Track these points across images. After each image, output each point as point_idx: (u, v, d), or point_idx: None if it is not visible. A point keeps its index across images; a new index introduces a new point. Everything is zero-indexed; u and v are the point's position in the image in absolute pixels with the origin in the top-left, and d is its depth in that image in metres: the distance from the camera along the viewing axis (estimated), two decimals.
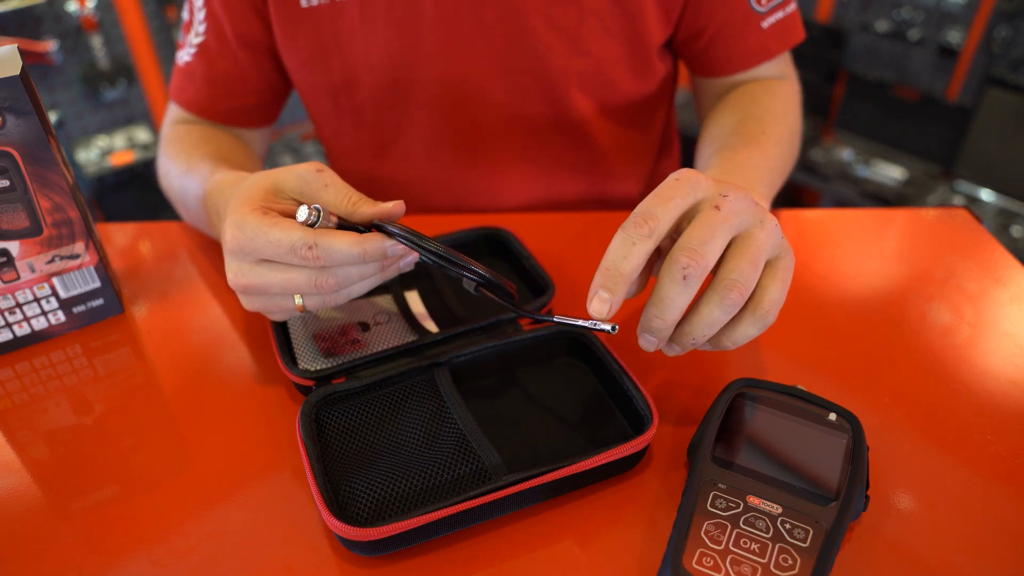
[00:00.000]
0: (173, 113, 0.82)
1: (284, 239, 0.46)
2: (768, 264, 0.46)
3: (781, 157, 0.69)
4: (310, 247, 0.46)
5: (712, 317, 0.44)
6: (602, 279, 0.43)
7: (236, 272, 0.50)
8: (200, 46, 0.78)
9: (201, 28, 0.77)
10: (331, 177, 0.50)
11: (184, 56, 0.80)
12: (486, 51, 0.73)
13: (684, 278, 0.42)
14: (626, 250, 0.43)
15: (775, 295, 0.45)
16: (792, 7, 0.77)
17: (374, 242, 0.47)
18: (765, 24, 0.75)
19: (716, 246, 0.43)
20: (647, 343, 0.46)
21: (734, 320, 0.45)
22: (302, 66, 0.77)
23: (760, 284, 0.45)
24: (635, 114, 0.82)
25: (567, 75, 0.75)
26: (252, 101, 0.81)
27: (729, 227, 0.44)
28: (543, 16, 0.71)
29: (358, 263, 0.48)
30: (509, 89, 0.75)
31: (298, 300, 0.50)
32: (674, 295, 0.43)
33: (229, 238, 0.48)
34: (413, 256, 0.51)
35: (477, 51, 0.73)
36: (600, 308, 0.43)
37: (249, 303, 0.52)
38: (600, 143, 0.82)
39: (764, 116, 0.71)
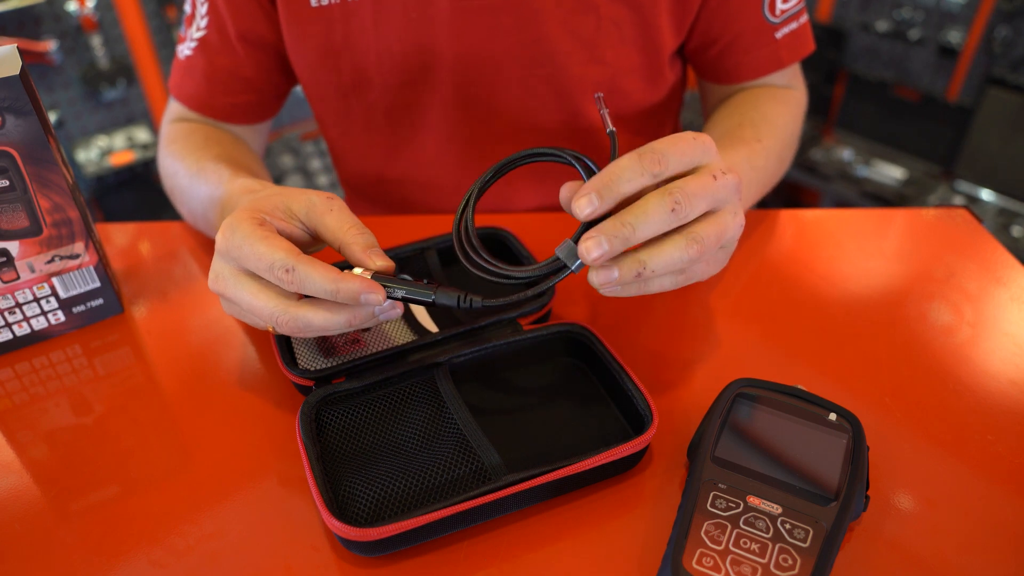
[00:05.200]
0: (173, 109, 0.82)
1: (266, 255, 0.46)
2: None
3: (767, 169, 0.69)
4: (287, 270, 0.45)
5: (672, 257, 0.44)
6: (599, 183, 0.43)
7: (216, 276, 0.49)
8: (201, 40, 0.77)
9: (203, 23, 0.77)
10: (338, 204, 0.50)
11: (185, 50, 0.79)
12: (501, 56, 0.72)
13: (672, 210, 0.43)
14: (633, 173, 0.43)
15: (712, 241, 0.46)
16: (804, 18, 0.76)
17: (349, 284, 0.45)
18: (779, 35, 0.75)
19: (701, 207, 0.45)
20: (598, 246, 0.43)
21: (663, 240, 0.45)
22: (311, 65, 0.76)
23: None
24: (645, 122, 0.82)
25: (582, 82, 0.74)
26: (252, 98, 0.80)
27: (714, 199, 0.45)
28: (561, 23, 0.71)
29: (330, 298, 0.46)
30: (523, 94, 0.75)
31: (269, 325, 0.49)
32: (657, 216, 0.43)
33: (219, 239, 0.48)
34: (395, 312, 0.49)
35: (492, 56, 0.72)
36: (584, 207, 0.43)
37: (226, 308, 0.52)
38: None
39: (762, 123, 0.71)
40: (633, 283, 0.46)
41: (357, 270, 0.49)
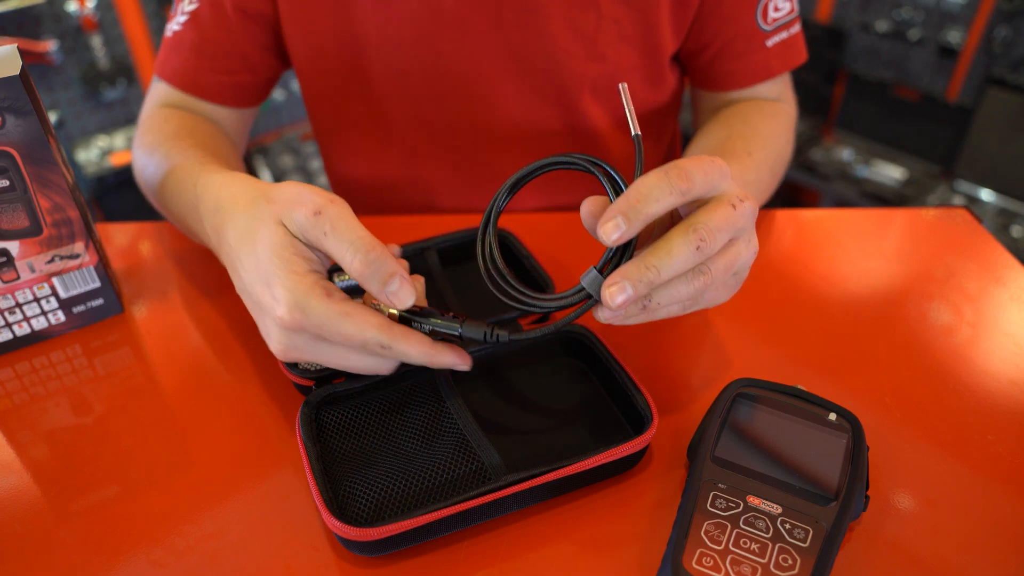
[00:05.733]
0: (155, 93, 0.78)
1: (357, 336, 0.44)
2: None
3: (759, 183, 0.68)
4: (383, 347, 0.45)
5: (679, 291, 0.43)
6: (625, 206, 0.41)
7: (288, 347, 0.46)
8: (193, 14, 0.74)
9: None
10: (328, 222, 0.45)
11: (173, 26, 0.76)
12: (502, 50, 0.72)
13: (698, 248, 0.42)
14: (661, 192, 0.41)
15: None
16: (796, 28, 0.76)
17: (443, 358, 0.47)
18: (770, 43, 0.75)
19: (724, 240, 0.43)
20: (622, 292, 0.41)
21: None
22: (308, 53, 0.75)
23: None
24: (646, 124, 0.81)
25: (581, 79, 0.74)
26: (244, 78, 0.77)
27: (735, 229, 0.44)
28: (562, 18, 0.70)
29: (423, 364, 0.48)
30: (522, 91, 0.75)
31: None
32: (683, 255, 0.42)
33: (288, 319, 0.44)
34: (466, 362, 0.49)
35: (493, 49, 0.72)
36: (611, 232, 0.41)
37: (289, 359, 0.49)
38: (610, 152, 0.81)
39: (752, 137, 0.70)
40: (639, 315, 0.44)
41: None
